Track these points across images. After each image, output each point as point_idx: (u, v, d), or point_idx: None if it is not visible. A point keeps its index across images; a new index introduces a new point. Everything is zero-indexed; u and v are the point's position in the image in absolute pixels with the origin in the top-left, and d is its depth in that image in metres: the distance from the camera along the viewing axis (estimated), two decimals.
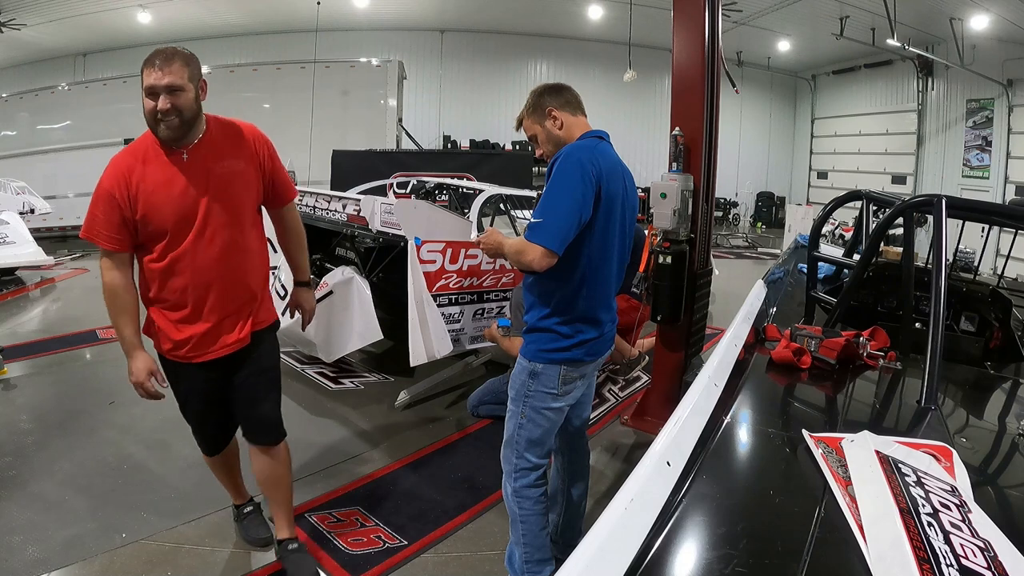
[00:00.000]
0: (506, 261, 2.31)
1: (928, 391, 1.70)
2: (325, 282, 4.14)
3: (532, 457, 2.18)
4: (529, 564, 2.21)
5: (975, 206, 2.60)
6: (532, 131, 2.19)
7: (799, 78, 17.84)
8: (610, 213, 2.08)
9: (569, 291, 2.07)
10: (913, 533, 1.00)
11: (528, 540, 2.21)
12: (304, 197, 4.66)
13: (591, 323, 2.13)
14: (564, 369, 2.11)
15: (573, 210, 1.96)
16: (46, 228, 11.13)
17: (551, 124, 2.16)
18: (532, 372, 2.12)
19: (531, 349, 2.13)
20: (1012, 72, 11.73)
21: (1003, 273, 3.60)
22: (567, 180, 1.98)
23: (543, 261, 1.95)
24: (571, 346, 2.10)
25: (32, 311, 6.94)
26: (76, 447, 3.39)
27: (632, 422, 3.90)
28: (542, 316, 2.11)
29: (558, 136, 2.15)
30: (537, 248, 1.94)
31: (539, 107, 2.17)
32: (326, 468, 3.24)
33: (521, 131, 2.27)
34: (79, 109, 12.44)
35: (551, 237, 1.95)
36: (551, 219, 1.96)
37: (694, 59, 3.56)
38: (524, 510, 2.19)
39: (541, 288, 2.10)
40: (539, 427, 2.15)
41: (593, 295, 2.11)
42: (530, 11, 13.87)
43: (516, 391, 2.17)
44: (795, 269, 3.92)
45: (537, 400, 2.13)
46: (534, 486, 2.20)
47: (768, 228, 17.33)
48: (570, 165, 2.00)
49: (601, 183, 2.01)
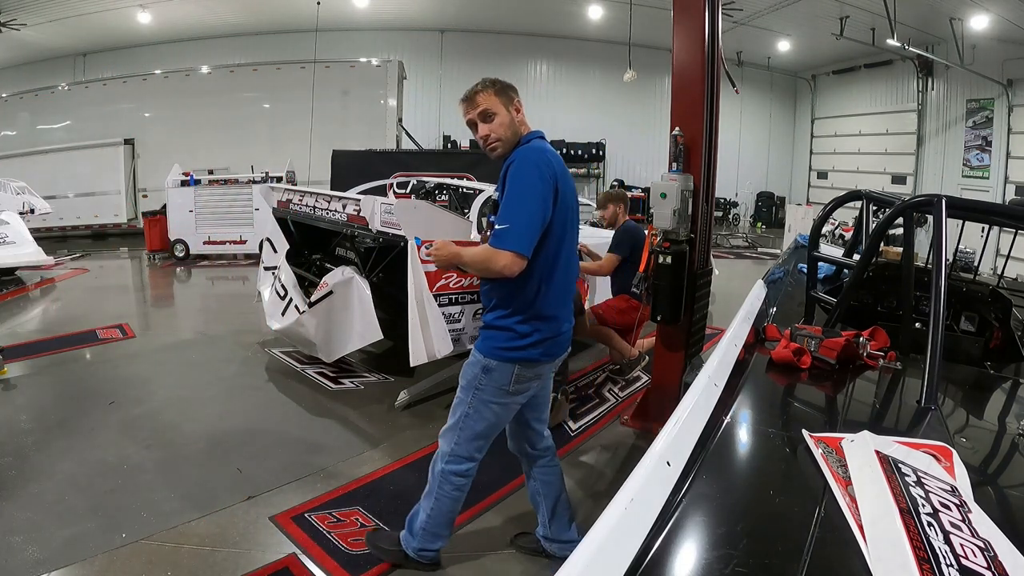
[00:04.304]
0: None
1: (928, 391, 1.70)
2: (325, 282, 4.14)
3: (470, 449, 2.24)
4: (425, 532, 2.35)
5: (975, 206, 2.60)
6: (494, 109, 2.12)
7: (799, 78, 17.85)
8: (565, 212, 2.12)
9: (529, 291, 2.10)
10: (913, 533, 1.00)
11: (433, 515, 2.32)
12: (304, 197, 4.66)
13: (549, 322, 2.16)
14: (518, 368, 2.14)
15: (537, 212, 1.99)
16: (46, 228, 11.14)
17: (515, 113, 2.16)
18: (485, 367, 2.15)
19: (487, 346, 2.16)
20: (1012, 72, 11.73)
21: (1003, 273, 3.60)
22: (528, 183, 2.00)
23: (515, 266, 1.98)
24: (527, 345, 2.12)
25: (32, 311, 6.94)
26: (76, 447, 3.39)
27: (632, 422, 3.90)
28: (501, 315, 2.14)
29: (517, 127, 2.16)
30: (507, 254, 1.96)
31: (508, 92, 2.18)
32: (326, 468, 3.24)
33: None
34: (79, 109, 12.45)
35: (520, 241, 1.97)
36: (518, 223, 1.98)
37: (694, 59, 3.56)
38: (442, 491, 2.29)
39: (502, 290, 2.12)
40: (484, 420, 2.20)
41: (551, 294, 2.14)
42: (530, 11, 13.88)
43: (467, 381, 2.20)
44: (795, 269, 3.92)
45: (486, 394, 2.17)
46: (461, 476, 2.27)
47: (768, 228, 17.34)
48: (528, 167, 2.02)
49: (557, 183, 2.05)
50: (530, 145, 2.13)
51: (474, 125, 2.17)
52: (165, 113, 12.28)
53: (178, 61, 13.51)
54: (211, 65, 12.79)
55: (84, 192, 12.17)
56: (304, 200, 4.64)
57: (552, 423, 3.71)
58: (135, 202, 12.47)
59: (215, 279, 9.21)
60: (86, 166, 12.11)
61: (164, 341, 5.60)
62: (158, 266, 9.89)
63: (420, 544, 2.37)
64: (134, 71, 12.96)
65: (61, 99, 12.59)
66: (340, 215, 4.26)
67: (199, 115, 12.09)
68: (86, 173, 12.09)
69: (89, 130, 12.21)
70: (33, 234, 8.48)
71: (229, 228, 10.12)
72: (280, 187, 5.21)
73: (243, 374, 4.73)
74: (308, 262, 5.21)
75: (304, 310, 4.24)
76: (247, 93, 12.36)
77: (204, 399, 4.17)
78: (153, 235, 10.55)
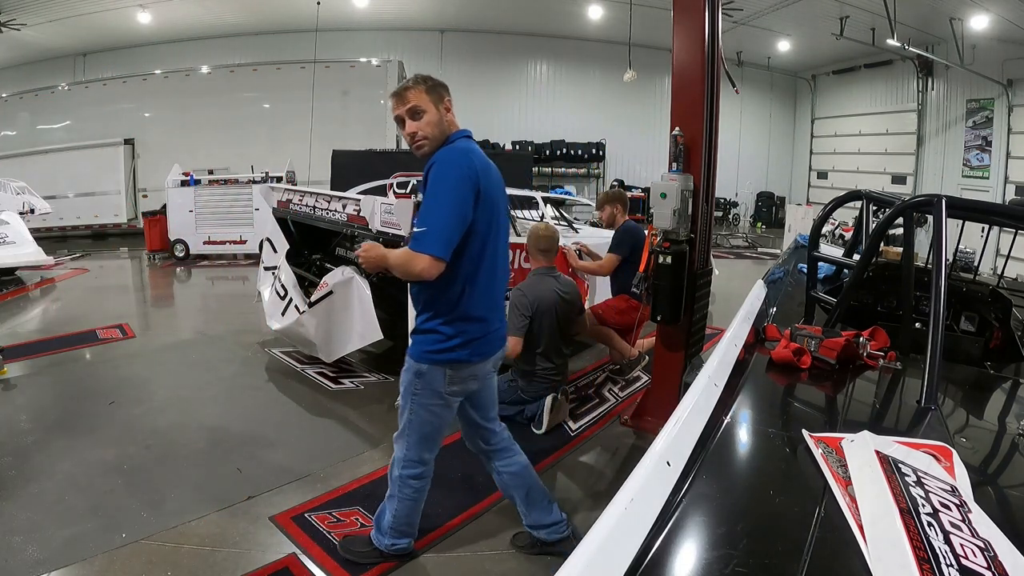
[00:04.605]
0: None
1: (928, 391, 1.70)
2: (325, 282, 4.14)
3: (420, 452, 2.27)
4: (393, 531, 2.42)
5: (975, 206, 2.59)
6: (424, 106, 2.09)
7: (799, 78, 17.85)
8: (490, 212, 2.11)
9: (453, 293, 2.10)
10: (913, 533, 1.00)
11: (398, 515, 2.38)
12: (304, 197, 4.66)
13: (476, 322, 2.16)
14: (450, 370, 2.16)
15: (455, 214, 1.99)
16: (46, 228, 11.14)
17: (444, 112, 2.14)
18: (418, 372, 2.17)
19: (417, 350, 2.18)
20: (1012, 72, 11.73)
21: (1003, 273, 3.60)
22: (447, 185, 1.99)
23: (432, 269, 1.98)
24: (455, 347, 2.13)
25: (32, 311, 6.94)
26: (76, 447, 3.39)
27: (632, 422, 3.90)
28: (427, 318, 2.15)
29: (445, 126, 2.14)
30: (424, 257, 1.96)
31: (439, 91, 2.14)
32: (326, 468, 3.24)
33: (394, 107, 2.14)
34: (79, 109, 12.46)
35: (437, 244, 1.97)
36: (435, 226, 1.97)
37: (694, 59, 3.56)
38: (403, 494, 2.33)
39: (428, 293, 2.14)
40: (427, 423, 2.23)
41: (477, 295, 2.14)
42: (530, 11, 13.87)
43: (405, 388, 2.23)
44: (795, 269, 3.91)
45: (424, 398, 2.19)
46: (416, 478, 2.32)
47: (768, 228, 17.33)
48: (448, 168, 2.01)
49: (480, 183, 2.04)
50: (453, 145, 2.11)
51: (402, 121, 2.14)
52: (165, 113, 12.29)
53: (178, 61, 13.51)
54: (211, 65, 12.79)
55: (84, 192, 12.18)
56: (304, 200, 4.64)
57: (552, 423, 3.73)
58: (135, 202, 12.47)
59: (215, 279, 9.21)
60: (86, 166, 12.11)
61: (164, 341, 5.60)
62: (158, 266, 9.89)
63: (391, 540, 2.43)
64: (134, 71, 12.97)
65: (61, 99, 12.60)
66: (340, 215, 4.26)
67: (199, 115, 12.10)
68: (86, 173, 12.10)
69: (89, 130, 12.21)
70: (33, 234, 8.48)
71: (229, 228, 10.12)
72: (280, 187, 5.21)
73: (243, 374, 4.73)
74: (308, 262, 5.21)
75: (304, 310, 4.24)
76: (247, 93, 12.36)
77: (204, 399, 4.17)
78: (153, 235, 10.56)
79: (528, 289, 3.68)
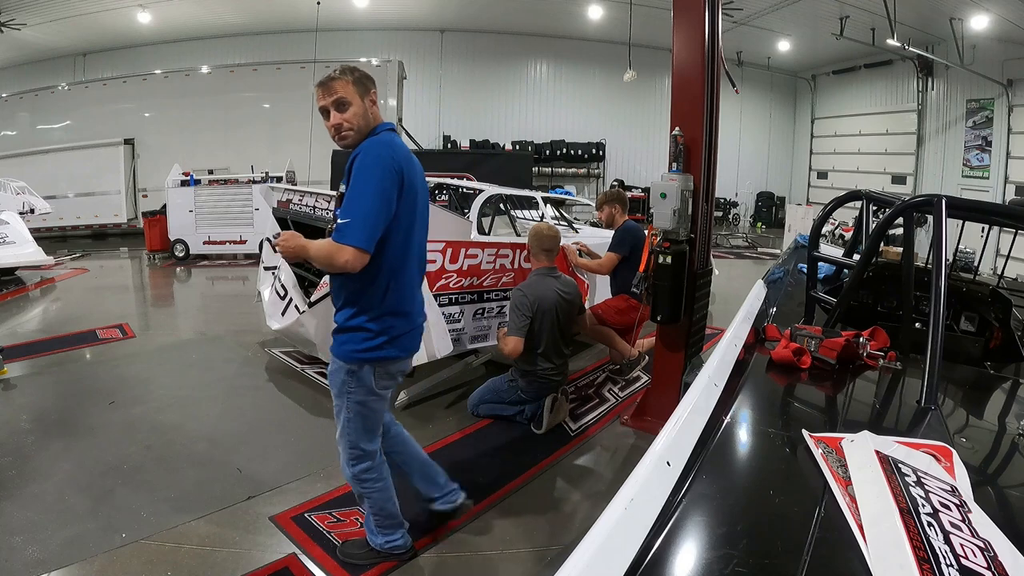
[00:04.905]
0: None
1: (928, 391, 1.70)
2: (325, 282, 4.14)
3: (365, 445, 2.27)
4: (380, 528, 2.43)
5: (975, 206, 2.59)
6: (350, 98, 2.08)
7: (799, 78, 17.85)
8: (413, 205, 2.11)
9: (378, 288, 2.10)
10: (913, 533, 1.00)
11: (376, 511, 2.39)
12: (304, 197, 4.66)
13: (402, 317, 2.17)
14: (379, 368, 2.17)
15: (379, 206, 1.99)
16: (46, 228, 11.14)
17: (369, 104, 2.14)
18: (349, 371, 2.17)
19: (344, 350, 2.16)
20: (1012, 72, 11.73)
21: (1003, 273, 3.60)
22: (371, 176, 1.99)
23: (357, 262, 1.97)
24: (383, 344, 2.14)
25: (32, 311, 6.94)
26: (76, 447, 3.39)
27: (632, 422, 3.90)
28: (352, 315, 2.13)
29: (370, 118, 2.13)
30: (349, 249, 1.95)
31: (365, 83, 2.14)
32: (326, 468, 3.23)
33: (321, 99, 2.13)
34: (79, 109, 12.45)
35: (362, 236, 1.96)
36: (359, 217, 1.97)
37: (694, 59, 3.56)
38: (367, 488, 2.33)
39: (350, 288, 2.12)
40: (364, 418, 2.24)
41: (401, 288, 2.15)
42: (530, 11, 13.87)
43: (338, 389, 2.22)
44: (795, 269, 3.92)
45: (357, 396, 2.19)
46: (370, 471, 2.31)
47: (768, 228, 17.34)
48: (371, 160, 2.01)
49: (404, 174, 2.04)
50: (377, 138, 2.11)
51: (327, 112, 2.13)
52: (165, 113, 12.28)
53: (178, 61, 13.52)
54: (211, 65, 12.79)
55: (84, 192, 12.17)
56: (304, 200, 4.63)
57: (552, 423, 3.73)
58: (135, 202, 12.46)
59: (215, 279, 9.21)
60: (86, 166, 12.11)
61: (164, 341, 5.60)
62: (158, 266, 9.89)
63: (383, 538, 2.43)
64: (134, 71, 12.97)
65: (61, 99, 12.59)
66: None
67: (199, 115, 12.09)
68: (86, 173, 12.09)
69: (89, 130, 12.21)
70: (33, 234, 8.48)
71: (229, 228, 10.12)
72: (280, 187, 5.21)
73: (243, 374, 4.73)
74: (308, 262, 5.20)
75: (304, 310, 4.24)
76: (247, 93, 12.35)
77: (204, 399, 4.17)
78: (153, 235, 10.56)
79: (529, 289, 3.68)
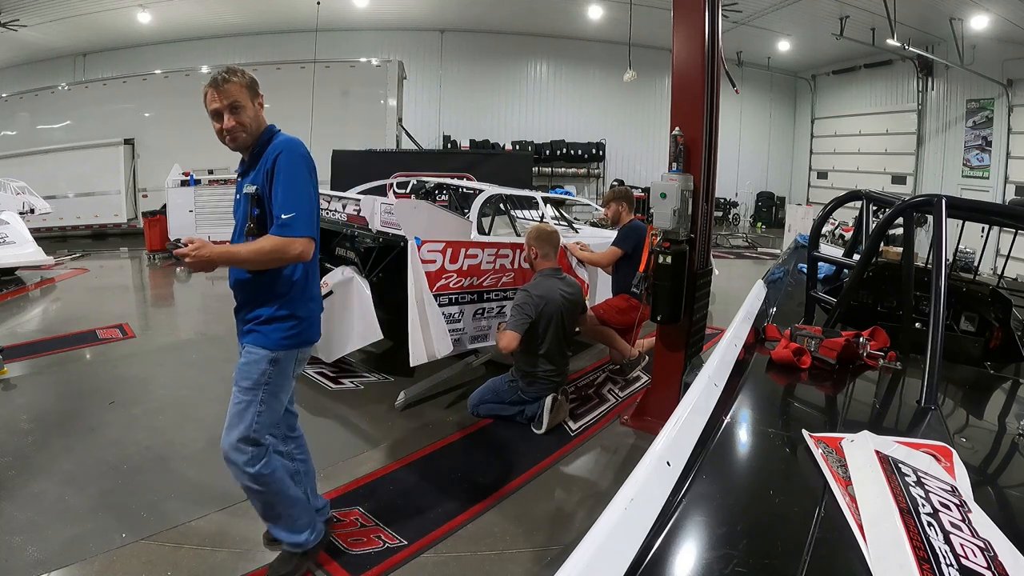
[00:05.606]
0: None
1: (928, 391, 1.70)
2: (325, 282, 4.13)
3: (264, 439, 2.25)
4: (298, 522, 2.34)
5: (975, 206, 2.59)
6: (243, 101, 2.20)
7: (799, 78, 17.85)
8: (318, 193, 2.26)
9: (300, 275, 2.21)
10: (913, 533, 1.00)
11: (288, 504, 2.29)
12: None
13: (315, 301, 2.31)
14: (300, 352, 2.26)
15: (314, 198, 2.17)
16: (46, 228, 11.13)
17: (258, 108, 2.28)
18: (273, 360, 2.19)
19: (273, 339, 2.19)
20: (1012, 72, 11.73)
21: (1003, 273, 3.60)
22: (299, 171, 2.15)
23: (310, 251, 2.12)
24: (307, 328, 2.25)
25: (32, 311, 6.94)
26: (76, 447, 3.39)
27: (632, 422, 3.90)
28: (280, 305, 2.20)
29: (260, 121, 2.28)
30: (301, 240, 2.08)
31: (254, 87, 2.27)
32: (326, 468, 3.23)
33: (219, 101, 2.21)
34: (79, 109, 12.44)
35: (309, 226, 2.11)
36: (303, 209, 2.10)
37: (694, 59, 3.56)
38: (274, 483, 2.24)
39: (274, 280, 2.20)
40: (273, 410, 2.26)
41: (315, 274, 2.31)
42: (530, 11, 13.87)
43: (253, 381, 2.19)
44: (795, 269, 3.92)
45: (275, 386, 2.22)
46: (268, 462, 2.24)
47: (768, 228, 17.33)
48: (298, 157, 2.17)
49: (314, 167, 2.22)
50: (288, 137, 2.27)
51: (219, 114, 2.20)
52: (165, 113, 12.26)
53: (178, 61, 13.50)
54: (211, 65, 12.76)
55: (84, 192, 12.16)
56: None
57: (552, 423, 3.73)
58: (135, 202, 12.46)
59: (215, 279, 9.19)
60: (86, 166, 12.10)
61: (164, 341, 5.60)
62: (158, 266, 9.89)
63: (306, 537, 2.37)
64: (134, 71, 12.96)
65: (61, 99, 12.58)
66: (340, 215, 4.26)
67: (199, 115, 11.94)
68: (86, 173, 12.08)
69: (89, 130, 12.20)
70: (33, 234, 8.47)
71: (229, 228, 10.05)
72: None
73: None
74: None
75: None
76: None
77: (204, 399, 4.16)
78: (153, 235, 10.55)
79: (535, 290, 3.68)
